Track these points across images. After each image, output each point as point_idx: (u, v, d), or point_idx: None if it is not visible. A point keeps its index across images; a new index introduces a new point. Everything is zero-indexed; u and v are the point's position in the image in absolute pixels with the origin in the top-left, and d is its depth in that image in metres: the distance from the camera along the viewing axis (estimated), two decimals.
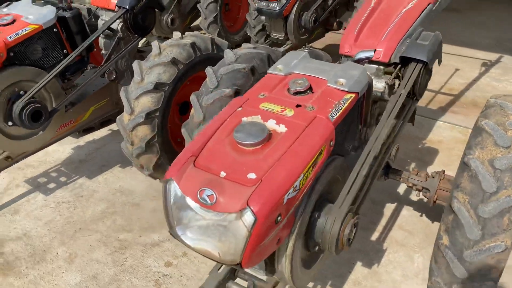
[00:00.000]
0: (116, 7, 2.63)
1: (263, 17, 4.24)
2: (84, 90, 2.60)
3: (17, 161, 2.52)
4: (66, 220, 2.52)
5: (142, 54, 3.10)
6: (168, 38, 2.59)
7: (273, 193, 1.15)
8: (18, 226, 2.49)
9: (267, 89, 1.55)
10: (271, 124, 1.34)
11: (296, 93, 1.47)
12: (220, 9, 5.03)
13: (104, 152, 3.18)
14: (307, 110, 1.39)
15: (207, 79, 2.20)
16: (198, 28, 6.08)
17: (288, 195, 1.18)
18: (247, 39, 5.71)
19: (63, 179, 2.88)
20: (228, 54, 2.24)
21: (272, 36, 4.22)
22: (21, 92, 2.27)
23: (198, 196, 1.17)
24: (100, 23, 2.77)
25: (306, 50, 1.75)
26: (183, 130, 2.19)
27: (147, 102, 2.32)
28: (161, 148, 2.46)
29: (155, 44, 2.42)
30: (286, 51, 4.24)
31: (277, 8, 3.83)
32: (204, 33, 5.10)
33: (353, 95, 1.48)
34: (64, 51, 2.47)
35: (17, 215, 2.56)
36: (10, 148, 2.37)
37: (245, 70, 2.17)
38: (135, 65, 2.38)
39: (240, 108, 1.45)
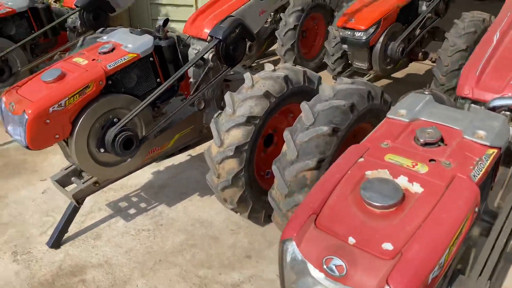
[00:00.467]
0: (209, 37, 2.61)
1: (344, 46, 4.09)
2: (172, 118, 2.58)
3: (103, 187, 2.53)
4: (146, 250, 2.48)
5: (228, 83, 3.07)
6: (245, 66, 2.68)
7: (418, 271, 0.98)
8: (100, 252, 2.48)
9: (390, 138, 1.37)
10: (403, 181, 1.18)
11: (426, 144, 1.30)
12: (298, 36, 4.96)
13: (183, 178, 3.15)
14: (444, 166, 1.22)
15: (302, 114, 2.08)
16: (272, 54, 6.08)
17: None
18: (322, 66, 5.59)
19: (143, 205, 2.87)
20: (325, 89, 2.11)
21: (354, 65, 4.05)
22: (115, 119, 2.28)
23: (324, 265, 1.04)
24: (191, 51, 2.77)
25: (427, 93, 1.56)
26: (274, 168, 2.08)
27: (237, 135, 2.24)
28: (246, 183, 2.36)
29: (247, 76, 2.35)
30: (370, 80, 4.06)
31: (364, 38, 3.67)
32: (284, 61, 5.04)
33: (496, 150, 1.28)
34: (158, 79, 2.47)
35: (98, 241, 2.56)
36: (99, 174, 2.38)
37: (344, 107, 2.03)
38: (227, 97, 2.32)
39: (361, 159, 1.30)
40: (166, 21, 2.44)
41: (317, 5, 5.04)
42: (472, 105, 1.76)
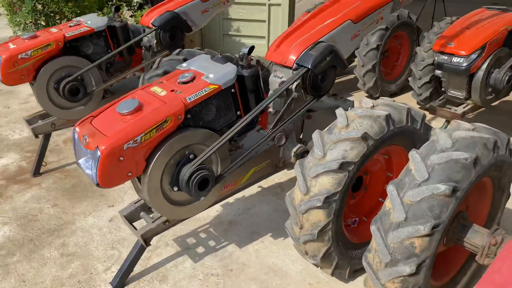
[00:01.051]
0: (295, 65, 2.34)
1: (438, 71, 3.66)
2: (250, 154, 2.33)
3: (173, 225, 2.33)
4: None
5: (309, 113, 2.78)
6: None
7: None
8: None
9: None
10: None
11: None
12: (380, 56, 4.58)
13: (254, 214, 2.89)
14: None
15: (411, 166, 1.73)
16: (347, 72, 5.71)
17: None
18: (404, 89, 5.15)
19: (212, 243, 2.64)
20: (441, 137, 1.75)
21: (448, 93, 3.60)
22: (191, 156, 2.06)
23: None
24: (272, 79, 2.52)
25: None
26: (373, 229, 1.74)
27: (327, 183, 1.93)
28: (333, 237, 2.04)
29: (341, 114, 2.04)
30: (464, 113, 3.59)
31: (464, 65, 3.24)
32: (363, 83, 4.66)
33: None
34: (238, 112, 2.23)
35: (164, 284, 2.35)
36: (170, 214, 2.17)
37: (466, 161, 1.65)
38: (316, 136, 2.03)
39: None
40: (252, 49, 2.19)
41: (402, 24, 4.63)
42: None
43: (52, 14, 4.49)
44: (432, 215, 1.61)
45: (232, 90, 2.17)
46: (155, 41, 3.38)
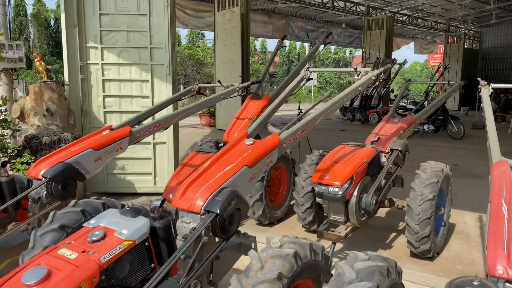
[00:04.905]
0: (203, 211, 2.49)
1: (319, 199, 4.15)
2: None
3: None
4: None
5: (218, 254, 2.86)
6: None
7: None
8: None
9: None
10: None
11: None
12: (265, 187, 5.01)
13: None
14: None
15: None
16: None
17: None
18: (288, 213, 5.59)
19: None
20: (346, 270, 1.99)
21: (331, 218, 4.05)
22: None
23: None
24: (180, 225, 2.59)
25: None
26: None
27: None
28: None
29: (254, 256, 2.19)
30: (346, 234, 4.04)
31: (340, 193, 3.76)
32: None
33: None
34: (152, 265, 2.23)
35: None
36: None
37: None
38: (234, 282, 2.12)
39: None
40: (163, 201, 2.30)
41: (280, 157, 5.23)
42: (507, 284, 1.72)
43: None
44: None
45: (146, 244, 2.20)
46: (44, 193, 3.24)
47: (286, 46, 29.79)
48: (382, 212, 5.36)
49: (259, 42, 39.91)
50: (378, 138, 4.39)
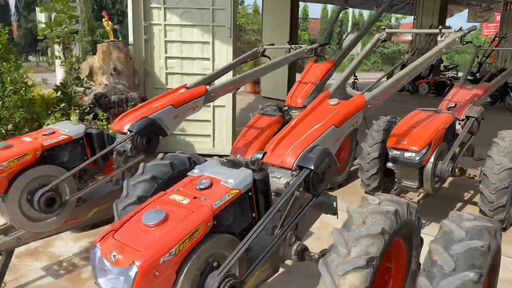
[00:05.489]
0: (296, 166, 2.52)
1: (389, 164, 4.11)
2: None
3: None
4: None
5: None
6: None
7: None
8: None
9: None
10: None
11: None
12: None
13: None
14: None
15: (437, 258, 1.91)
16: None
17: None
18: (348, 179, 5.59)
19: None
20: (453, 228, 1.98)
21: (402, 184, 4.01)
22: (215, 264, 2.04)
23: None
24: (271, 180, 2.64)
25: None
26: None
27: (356, 280, 2.02)
28: None
29: (354, 211, 2.22)
30: (418, 201, 4.00)
31: (417, 159, 3.69)
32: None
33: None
34: (253, 214, 2.30)
35: None
36: None
37: (483, 248, 1.89)
38: (336, 234, 2.15)
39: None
40: (265, 154, 2.34)
41: None
42: None
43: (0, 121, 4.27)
44: None
45: (249, 194, 2.25)
46: (129, 146, 3.37)
47: (348, 9, 28.60)
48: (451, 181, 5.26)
49: (299, 8, 38.89)
50: (455, 104, 4.25)
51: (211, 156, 6.59)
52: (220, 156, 6.46)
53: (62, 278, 3.26)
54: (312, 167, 2.44)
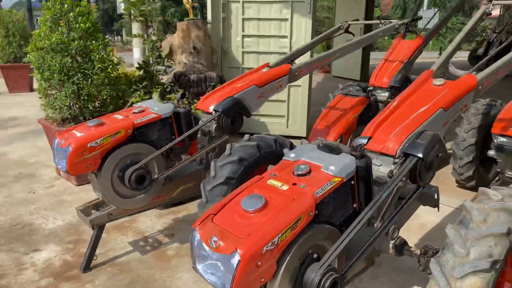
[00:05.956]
0: (400, 153, 2.29)
1: (491, 152, 3.71)
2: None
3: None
4: None
5: None
6: None
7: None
8: None
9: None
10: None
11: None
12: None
13: None
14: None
15: None
16: None
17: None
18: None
19: None
20: None
21: (506, 175, 3.61)
22: (315, 255, 1.90)
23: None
24: (374, 168, 2.44)
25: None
26: None
27: (475, 285, 1.79)
28: None
29: (472, 207, 1.96)
30: None
31: None
32: None
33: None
34: (354, 205, 2.12)
35: None
36: None
37: None
38: (451, 231, 1.92)
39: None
40: (369, 139, 2.14)
41: None
42: None
43: (88, 97, 4.42)
44: None
45: (352, 182, 2.08)
46: (214, 126, 3.31)
47: None
48: None
49: None
50: None
51: (285, 137, 6.45)
52: (294, 138, 6.30)
53: (148, 254, 3.32)
54: (420, 155, 2.20)
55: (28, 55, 4.54)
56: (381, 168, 2.42)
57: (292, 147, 3.14)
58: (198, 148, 3.46)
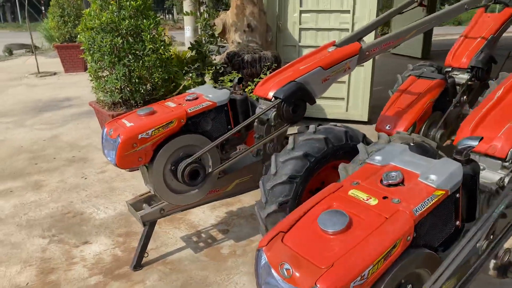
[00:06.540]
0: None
1: None
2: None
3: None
4: None
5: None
6: None
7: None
8: None
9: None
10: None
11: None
12: None
13: None
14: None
15: None
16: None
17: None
18: None
19: None
20: None
21: None
22: (409, 287, 1.52)
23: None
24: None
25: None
26: None
27: None
28: None
29: None
30: None
31: None
32: None
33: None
34: (457, 222, 1.70)
35: None
36: None
37: None
38: None
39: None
40: (481, 139, 1.71)
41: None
42: None
43: (139, 80, 4.19)
44: None
45: (457, 195, 1.65)
46: (273, 115, 2.94)
47: None
48: None
49: None
50: None
51: (344, 121, 5.99)
52: (354, 122, 5.82)
53: (201, 252, 3.07)
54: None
55: (78, 36, 4.37)
56: (483, 173, 1.98)
57: (365, 140, 2.73)
58: (254, 138, 3.12)
